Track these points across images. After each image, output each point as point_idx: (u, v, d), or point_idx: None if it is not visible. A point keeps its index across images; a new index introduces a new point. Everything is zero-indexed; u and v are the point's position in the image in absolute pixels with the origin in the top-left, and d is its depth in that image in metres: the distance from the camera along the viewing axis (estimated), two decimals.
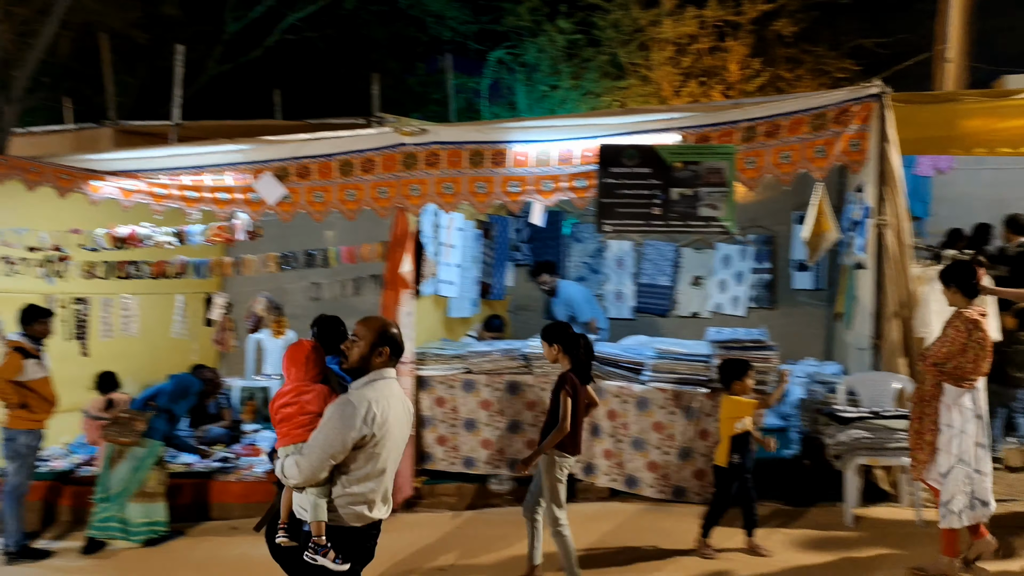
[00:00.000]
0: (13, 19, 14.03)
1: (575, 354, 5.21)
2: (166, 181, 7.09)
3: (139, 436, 6.44)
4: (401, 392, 3.76)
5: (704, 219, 6.38)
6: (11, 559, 6.41)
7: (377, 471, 3.55)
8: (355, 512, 3.54)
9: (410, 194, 6.76)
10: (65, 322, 7.50)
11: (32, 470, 6.64)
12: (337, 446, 3.44)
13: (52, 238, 7.35)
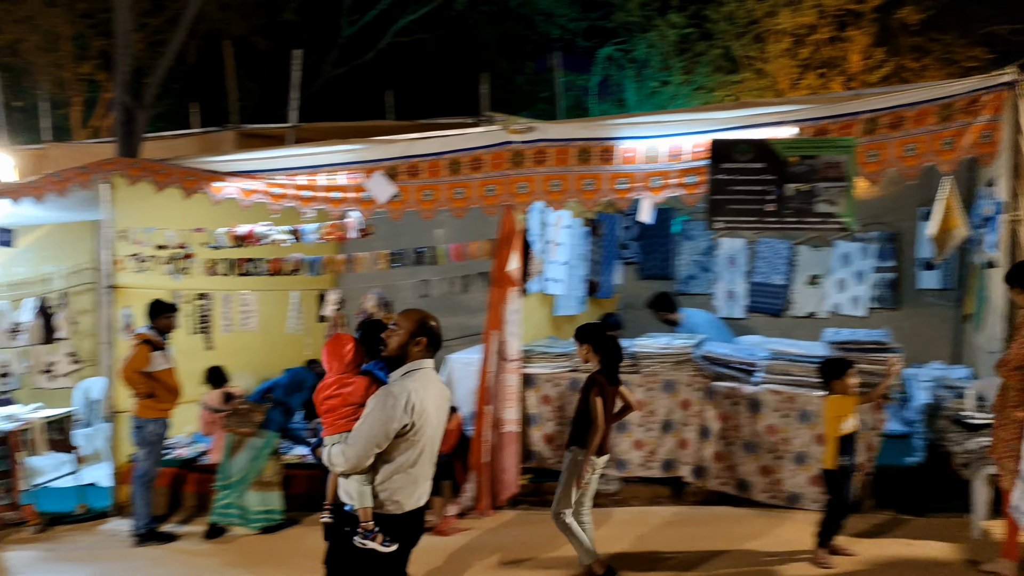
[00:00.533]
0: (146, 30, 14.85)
1: (604, 355, 5.25)
2: (283, 181, 7.31)
3: (257, 427, 6.68)
4: (439, 381, 3.89)
5: (821, 215, 6.12)
6: (140, 541, 6.76)
7: (415, 458, 3.70)
8: (397, 499, 3.71)
9: (518, 192, 6.75)
10: (189, 317, 7.85)
11: (159, 457, 6.98)
12: (380, 435, 3.60)
13: (178, 236, 7.69)
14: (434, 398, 3.76)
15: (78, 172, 7.47)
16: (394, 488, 3.70)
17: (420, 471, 3.76)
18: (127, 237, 7.63)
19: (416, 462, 3.72)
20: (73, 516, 7.51)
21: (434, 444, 3.82)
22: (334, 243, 8.16)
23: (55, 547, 6.95)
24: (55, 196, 7.58)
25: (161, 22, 15.57)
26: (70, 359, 8.13)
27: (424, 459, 3.76)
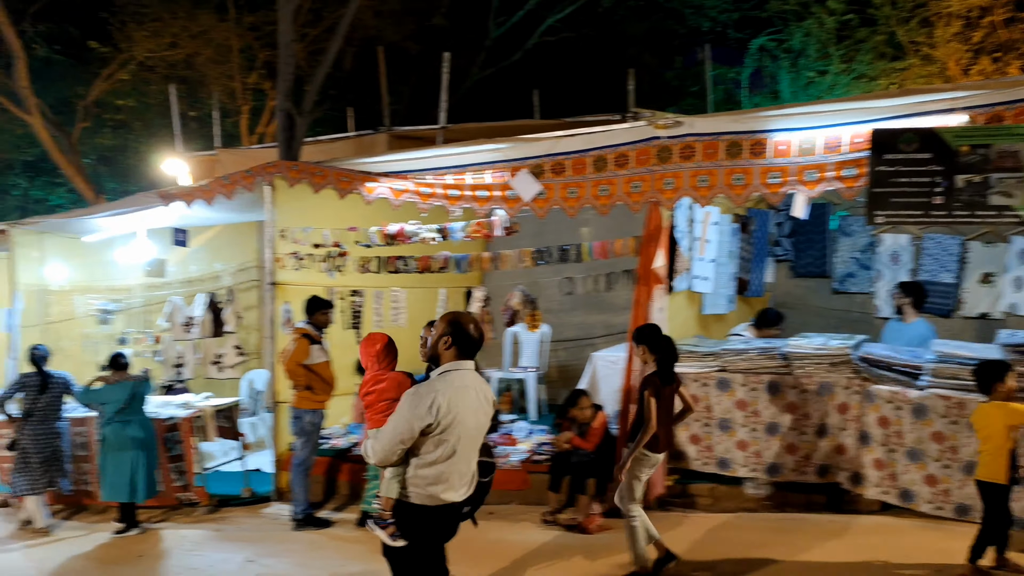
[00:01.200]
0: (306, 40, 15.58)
1: (659, 355, 5.42)
2: (431, 180, 7.48)
3: None
4: (478, 382, 3.96)
5: (995, 208, 5.66)
6: (298, 525, 7.09)
7: (445, 456, 3.80)
8: (426, 493, 3.84)
9: (664, 188, 6.61)
10: (343, 313, 8.16)
11: (316, 446, 7.30)
12: (405, 432, 3.76)
13: (333, 235, 8.02)
14: (469, 400, 3.85)
15: (243, 175, 7.93)
16: (424, 483, 3.83)
17: (452, 467, 3.84)
18: (287, 236, 8.04)
19: (447, 459, 3.81)
20: (239, 499, 7.99)
21: (469, 444, 3.90)
22: (480, 241, 8.28)
23: (223, 527, 7.40)
24: (223, 198, 8.07)
25: (320, 32, 16.33)
26: (236, 351, 8.65)
27: (457, 457, 3.84)
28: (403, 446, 3.79)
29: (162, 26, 17.07)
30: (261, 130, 18.16)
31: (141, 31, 17.06)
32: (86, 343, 9.96)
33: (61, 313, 10.00)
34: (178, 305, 9.08)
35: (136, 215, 9.00)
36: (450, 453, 3.82)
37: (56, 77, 19.09)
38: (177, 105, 15.24)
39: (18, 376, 8.05)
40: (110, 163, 22.47)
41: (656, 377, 5.36)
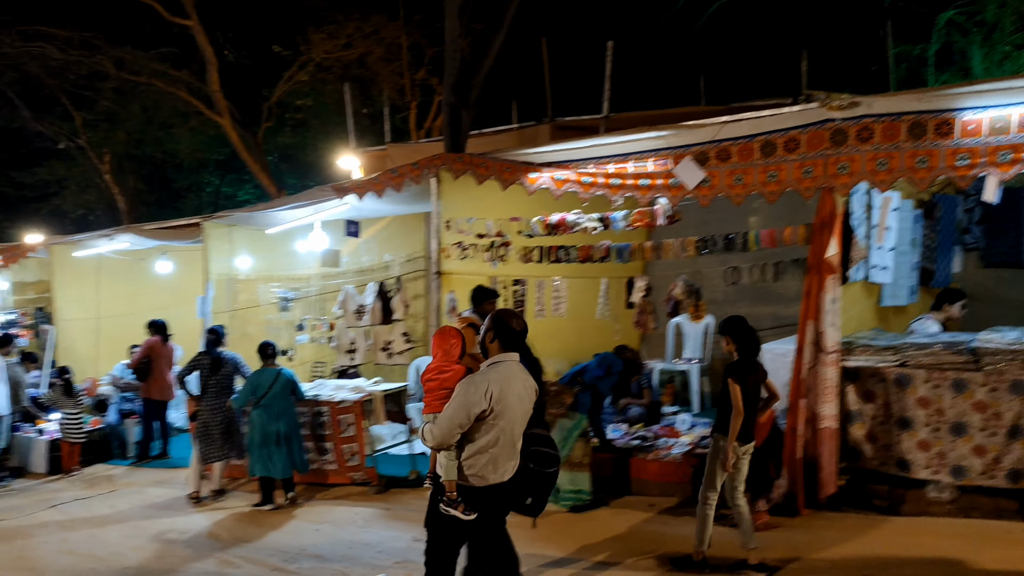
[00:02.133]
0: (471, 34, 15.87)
1: (741, 345, 5.52)
2: (593, 170, 7.44)
3: (567, 409, 6.89)
4: (522, 373, 4.35)
5: None
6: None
7: (493, 440, 4.17)
8: (478, 474, 4.19)
9: (838, 173, 6.28)
10: (506, 302, 8.28)
11: None
12: (462, 417, 4.12)
13: (496, 225, 8.15)
14: (515, 388, 4.24)
15: (411, 168, 8.19)
16: (477, 465, 4.18)
17: (500, 451, 4.21)
18: (452, 227, 8.23)
19: (496, 443, 4.18)
20: (406, 480, 8.28)
21: (514, 428, 4.26)
22: (642, 230, 8.16)
23: (391, 506, 7.70)
24: (392, 191, 8.37)
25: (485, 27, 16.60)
26: (404, 339, 8.96)
27: (504, 441, 4.21)
28: (460, 430, 4.14)
29: (337, 28, 17.91)
30: (428, 124, 18.72)
31: (319, 34, 17.97)
32: (268, 328, 10.63)
33: (247, 300, 10.72)
34: (351, 293, 9.52)
35: (313, 208, 9.49)
36: (498, 438, 4.18)
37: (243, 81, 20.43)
38: (351, 103, 15.96)
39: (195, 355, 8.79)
40: (290, 160, 23.87)
41: (738, 367, 5.49)
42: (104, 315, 12.78)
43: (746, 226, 8.87)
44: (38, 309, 13.93)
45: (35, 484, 9.67)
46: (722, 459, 5.43)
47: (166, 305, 12.06)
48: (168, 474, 9.66)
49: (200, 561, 6.56)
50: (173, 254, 12.27)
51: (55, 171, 23.09)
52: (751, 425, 5.52)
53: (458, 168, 7.92)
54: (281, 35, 19.19)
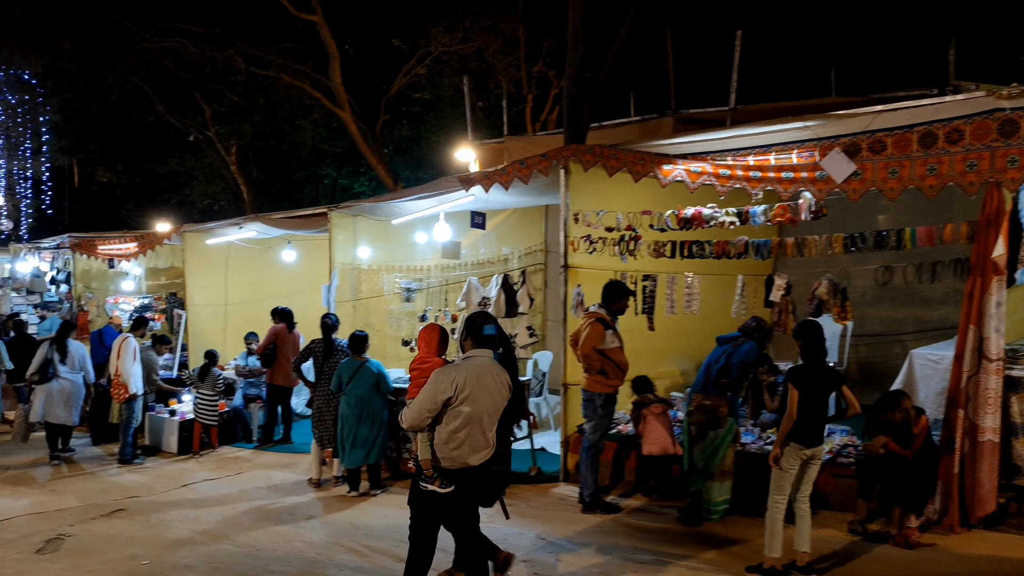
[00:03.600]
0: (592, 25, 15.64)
1: (807, 352, 5.53)
2: (731, 162, 7.14)
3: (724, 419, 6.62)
4: (494, 368, 4.83)
5: None
6: (586, 508, 7.12)
7: (461, 425, 4.69)
8: (447, 455, 4.73)
9: (1007, 167, 5.80)
10: (635, 298, 8.05)
11: (607, 431, 7.28)
12: (429, 403, 4.71)
13: (626, 219, 7.93)
14: (484, 381, 4.74)
15: (539, 160, 8.06)
16: (448, 448, 4.72)
17: (468, 436, 4.70)
18: (580, 219, 8.06)
19: (463, 428, 4.69)
20: (527, 476, 8.17)
21: (483, 417, 4.73)
22: (783, 225, 7.79)
23: (513, 502, 7.55)
24: (518, 182, 8.26)
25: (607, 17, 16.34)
26: (528, 332, 8.84)
27: (472, 428, 4.70)
28: (429, 414, 4.73)
29: (455, 21, 17.97)
30: (544, 117, 18.60)
31: (437, 27, 18.07)
32: (391, 319, 10.73)
33: (369, 290, 10.84)
34: (475, 285, 9.47)
35: (437, 199, 9.49)
36: (465, 423, 4.68)
37: (362, 74, 20.78)
38: (468, 96, 15.99)
39: (309, 342, 8.95)
40: (405, 153, 24.18)
41: (799, 371, 5.51)
42: (231, 302, 13.19)
43: (879, 224, 8.42)
44: (171, 294, 14.53)
45: (166, 463, 10.01)
46: (772, 456, 5.49)
47: (290, 293, 12.35)
48: (291, 458, 9.85)
49: (324, 548, 6.60)
50: (298, 243, 12.55)
51: (185, 163, 24.11)
52: (814, 430, 5.48)
53: (588, 160, 7.74)
54: (400, 29, 19.40)
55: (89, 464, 10.03)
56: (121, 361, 9.95)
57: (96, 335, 12.15)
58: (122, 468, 9.75)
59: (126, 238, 13.40)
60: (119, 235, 13.75)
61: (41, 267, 15.82)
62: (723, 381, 6.58)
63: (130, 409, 9.94)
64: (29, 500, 8.34)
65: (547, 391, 10.37)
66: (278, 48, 18.82)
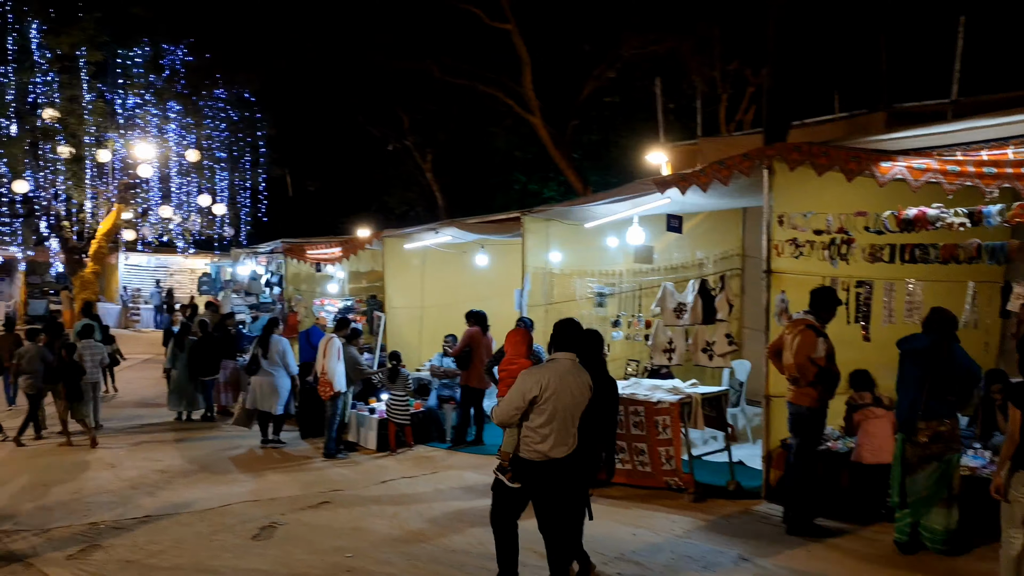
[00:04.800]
0: None
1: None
2: (960, 158, 6.46)
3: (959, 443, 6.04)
4: (576, 370, 5.28)
5: None
6: (792, 529, 6.70)
7: (546, 421, 5.12)
8: (533, 449, 5.16)
9: None
10: (847, 305, 7.50)
11: (815, 447, 6.80)
12: (518, 401, 5.13)
13: (836, 221, 7.39)
14: (567, 382, 5.17)
15: (740, 159, 7.68)
16: (532, 442, 5.15)
17: (552, 432, 5.12)
18: (785, 222, 7.60)
19: (547, 424, 5.12)
20: (724, 491, 7.81)
21: (565, 416, 5.15)
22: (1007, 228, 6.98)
23: (710, 518, 7.27)
24: (718, 184, 7.91)
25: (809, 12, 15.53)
26: (727, 340, 8.46)
27: (556, 425, 5.12)
28: (517, 411, 5.15)
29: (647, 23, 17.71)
30: (740, 117, 17.95)
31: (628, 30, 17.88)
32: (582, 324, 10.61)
33: (561, 294, 10.80)
34: (669, 291, 9.19)
35: (631, 202, 9.30)
36: (550, 420, 5.11)
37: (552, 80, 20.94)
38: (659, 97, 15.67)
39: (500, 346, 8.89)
40: (594, 157, 24.15)
41: (1016, 388, 5.06)
42: (427, 304, 13.59)
43: None
44: (371, 297, 15.18)
45: (366, 459, 10.40)
46: (994, 487, 5.01)
47: (483, 297, 12.54)
48: (482, 460, 9.95)
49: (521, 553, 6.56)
50: (490, 247, 12.73)
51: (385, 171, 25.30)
52: None
53: (795, 158, 7.28)
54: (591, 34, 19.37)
55: (298, 456, 10.60)
56: (327, 360, 10.46)
57: (304, 335, 12.87)
58: (327, 462, 10.23)
59: (331, 243, 14.12)
60: (325, 240, 14.52)
61: (257, 270, 17.04)
62: (950, 399, 5.94)
63: (334, 406, 10.44)
64: (245, 488, 8.90)
65: (744, 401, 9.91)
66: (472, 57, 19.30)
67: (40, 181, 22.26)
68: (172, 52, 23.34)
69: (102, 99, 22.40)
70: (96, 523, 7.54)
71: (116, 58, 22.65)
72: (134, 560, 6.56)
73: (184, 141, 23.21)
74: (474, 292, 12.93)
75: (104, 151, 21.65)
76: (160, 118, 22.94)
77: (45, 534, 7.22)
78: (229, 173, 24.96)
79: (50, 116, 20.95)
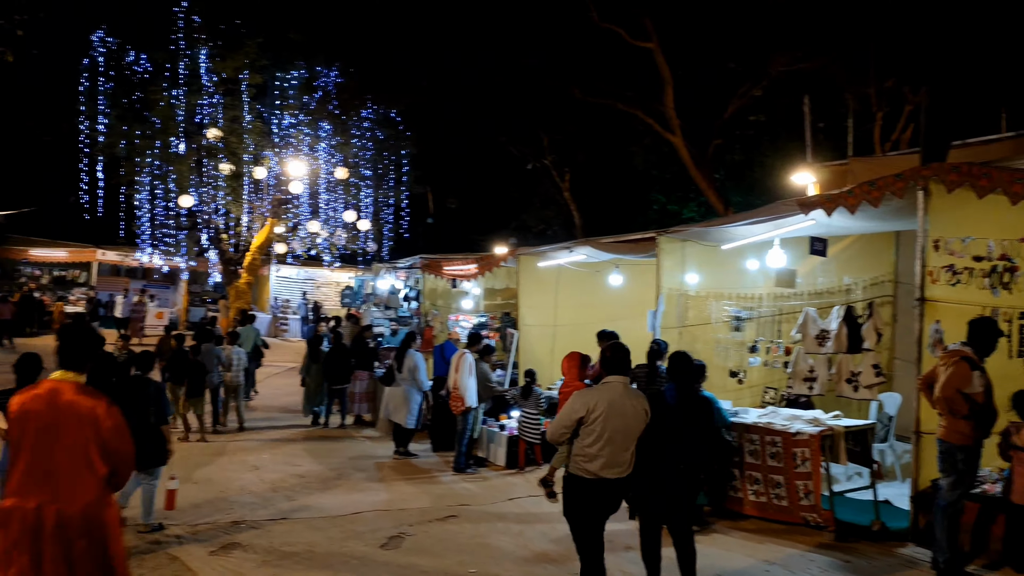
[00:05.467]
0: None
1: None
2: None
3: None
4: (628, 393, 5.47)
5: None
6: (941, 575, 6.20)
7: (594, 441, 5.28)
8: (582, 467, 5.33)
9: None
10: (1009, 337, 6.94)
11: (968, 489, 6.30)
12: (566, 421, 5.38)
13: (999, 247, 6.87)
14: (618, 405, 5.34)
15: (893, 180, 7.26)
16: (581, 460, 5.34)
17: (600, 451, 5.29)
18: (940, 247, 7.12)
19: (593, 444, 5.29)
20: (867, 531, 7.35)
21: (615, 437, 5.31)
22: None
23: (851, 559, 6.86)
24: (866, 206, 7.51)
25: None
26: (874, 371, 7.99)
27: (605, 446, 5.29)
28: (566, 431, 5.40)
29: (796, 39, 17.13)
30: (896, 136, 17.05)
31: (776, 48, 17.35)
32: (718, 348, 10.32)
33: (696, 317, 10.52)
34: (812, 317, 8.76)
35: (772, 224, 8.95)
36: (597, 440, 5.29)
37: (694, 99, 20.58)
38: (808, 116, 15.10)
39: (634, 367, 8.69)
40: (736, 177, 23.56)
41: None
42: (559, 323, 13.55)
43: None
44: (504, 314, 15.31)
45: (494, 475, 10.44)
46: None
47: (615, 317, 12.37)
48: None
49: None
50: (625, 267, 12.57)
51: (522, 189, 25.58)
52: None
53: (953, 180, 6.82)
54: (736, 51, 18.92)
55: (428, 469, 10.77)
56: (459, 375, 10.59)
57: (438, 349, 13.10)
58: (456, 476, 10.32)
59: (468, 260, 14.34)
60: (462, 257, 14.77)
61: (396, 285, 17.52)
62: None
63: (465, 421, 10.54)
64: (377, 497, 9.10)
65: (893, 437, 9.31)
66: (612, 76, 19.24)
67: (203, 196, 23.84)
68: (325, 74, 24.49)
69: (260, 119, 23.77)
70: (238, 522, 7.90)
71: (274, 80, 24.01)
72: (269, 560, 6.82)
73: (333, 159, 24.26)
74: (606, 312, 12.78)
75: (260, 168, 22.93)
76: (312, 137, 24.09)
77: (191, 528, 7.63)
78: (373, 190, 25.88)
79: (214, 136, 22.41)
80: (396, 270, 17.72)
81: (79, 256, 29.57)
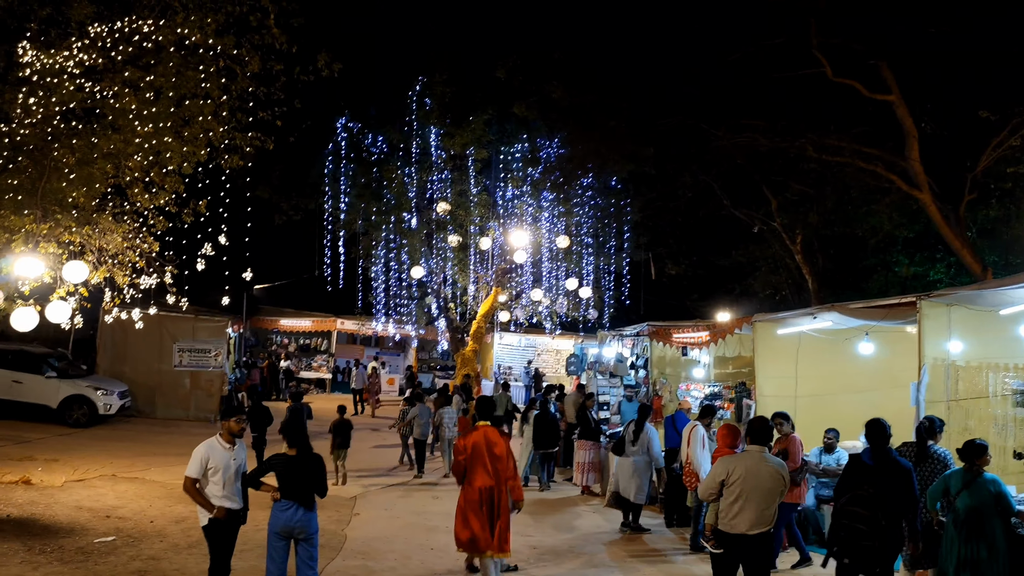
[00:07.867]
0: None
1: None
2: None
3: None
4: (764, 459, 6.46)
5: None
6: None
7: (734, 500, 6.37)
8: (727, 523, 6.40)
9: None
10: None
11: None
12: (711, 482, 6.56)
13: None
14: (754, 470, 6.35)
15: None
16: (725, 517, 6.40)
17: (738, 510, 6.33)
18: None
19: (735, 503, 6.35)
20: None
21: (755, 496, 6.31)
22: None
23: None
24: None
25: None
26: None
27: (743, 505, 6.32)
28: (712, 491, 6.48)
29: None
30: None
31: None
32: (995, 425, 9.11)
33: (968, 390, 9.37)
34: None
35: None
36: (737, 499, 6.31)
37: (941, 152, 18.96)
38: None
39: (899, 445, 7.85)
40: (990, 235, 21.37)
41: None
42: (800, 394, 12.63)
43: None
44: (739, 383, 14.53)
45: None
46: None
47: (865, 389, 11.37)
48: None
49: None
50: (875, 335, 11.56)
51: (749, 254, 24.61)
52: None
53: None
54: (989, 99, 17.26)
55: (662, 547, 10.23)
56: (691, 448, 10.09)
57: (669, 420, 12.59)
58: (692, 555, 9.73)
59: (699, 327, 13.83)
60: (692, 324, 14.27)
61: (623, 352, 17.22)
62: None
63: None
64: None
65: None
66: (849, 133, 18.15)
67: (432, 267, 24.92)
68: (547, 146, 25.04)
69: (486, 192, 24.63)
70: None
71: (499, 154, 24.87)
72: None
73: (554, 228, 24.60)
74: (854, 383, 11.78)
75: (486, 239, 23.64)
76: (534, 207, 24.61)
77: None
78: (594, 257, 25.91)
79: (443, 210, 23.44)
80: (622, 337, 17.44)
81: (321, 325, 31.80)
